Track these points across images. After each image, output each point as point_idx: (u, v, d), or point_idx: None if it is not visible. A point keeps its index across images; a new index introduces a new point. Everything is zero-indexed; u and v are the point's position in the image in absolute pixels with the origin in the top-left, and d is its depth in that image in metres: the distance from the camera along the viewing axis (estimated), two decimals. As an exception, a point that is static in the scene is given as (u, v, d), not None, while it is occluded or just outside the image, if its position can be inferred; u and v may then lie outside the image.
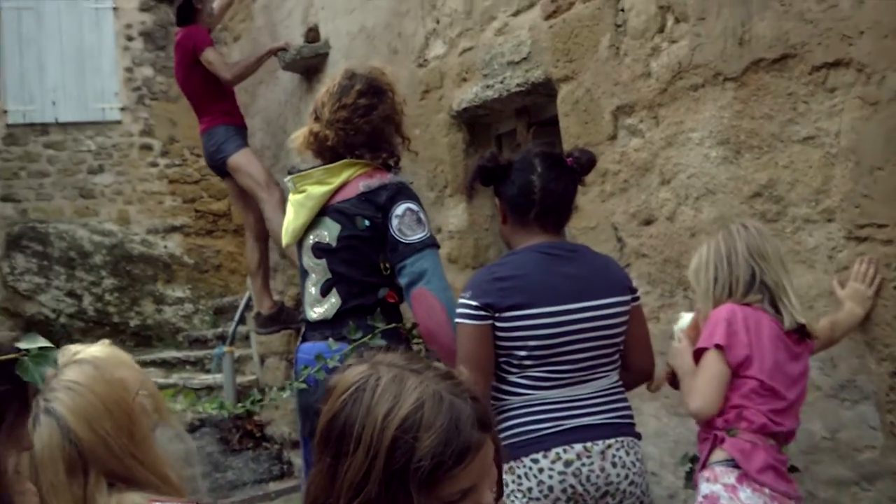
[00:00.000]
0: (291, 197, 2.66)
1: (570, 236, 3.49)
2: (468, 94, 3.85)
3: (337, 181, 2.56)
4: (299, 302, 5.16)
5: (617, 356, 2.34)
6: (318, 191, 2.57)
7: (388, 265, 2.53)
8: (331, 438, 1.11)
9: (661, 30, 3.04)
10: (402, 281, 2.49)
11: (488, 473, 1.14)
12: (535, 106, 3.78)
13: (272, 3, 5.45)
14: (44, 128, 10.31)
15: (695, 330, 2.36)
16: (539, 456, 2.18)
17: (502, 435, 2.19)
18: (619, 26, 3.19)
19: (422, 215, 2.54)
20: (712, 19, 2.85)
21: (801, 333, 2.25)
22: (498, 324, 2.21)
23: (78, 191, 10.41)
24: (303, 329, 2.72)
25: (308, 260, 2.62)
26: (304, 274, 2.66)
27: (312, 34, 4.96)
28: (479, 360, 2.20)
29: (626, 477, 2.21)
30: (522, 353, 2.22)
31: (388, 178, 2.58)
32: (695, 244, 2.75)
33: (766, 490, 2.08)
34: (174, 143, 10.23)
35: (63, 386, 1.33)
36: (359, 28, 4.59)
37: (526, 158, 2.39)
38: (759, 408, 2.14)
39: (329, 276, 2.57)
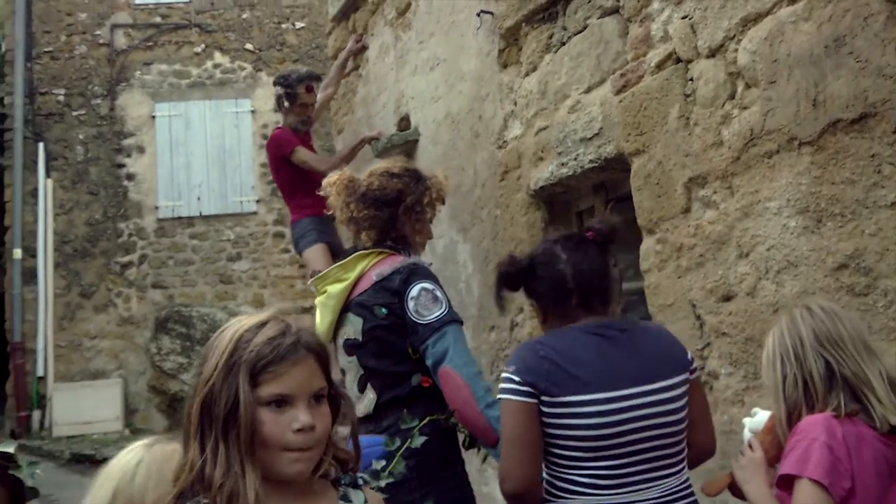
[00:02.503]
0: (317, 300, 2.54)
1: (650, 314, 3.17)
2: (544, 172, 3.64)
3: (353, 275, 2.42)
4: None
5: (684, 449, 1.99)
6: (336, 289, 2.44)
7: (414, 350, 2.32)
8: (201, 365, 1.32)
9: (732, 96, 2.76)
10: (428, 363, 2.28)
11: (306, 393, 1.29)
12: (611, 182, 3.53)
13: (369, 96, 5.47)
14: (189, 220, 10.83)
15: (770, 434, 1.94)
16: None
17: None
18: (688, 96, 2.92)
19: (438, 293, 2.34)
20: (783, 82, 2.55)
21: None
22: (545, 409, 1.88)
23: (218, 277, 10.80)
24: None
25: (342, 359, 2.47)
26: (343, 373, 2.49)
27: (404, 123, 4.92)
28: (524, 438, 1.86)
29: None
30: (573, 443, 1.88)
31: (399, 261, 2.41)
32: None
33: None
34: (300, 230, 10.39)
35: None
36: (444, 114, 4.50)
37: (548, 249, 2.10)
38: None
39: (361, 371, 2.39)
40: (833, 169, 2.41)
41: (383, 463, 2.05)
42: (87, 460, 8.19)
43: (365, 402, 2.37)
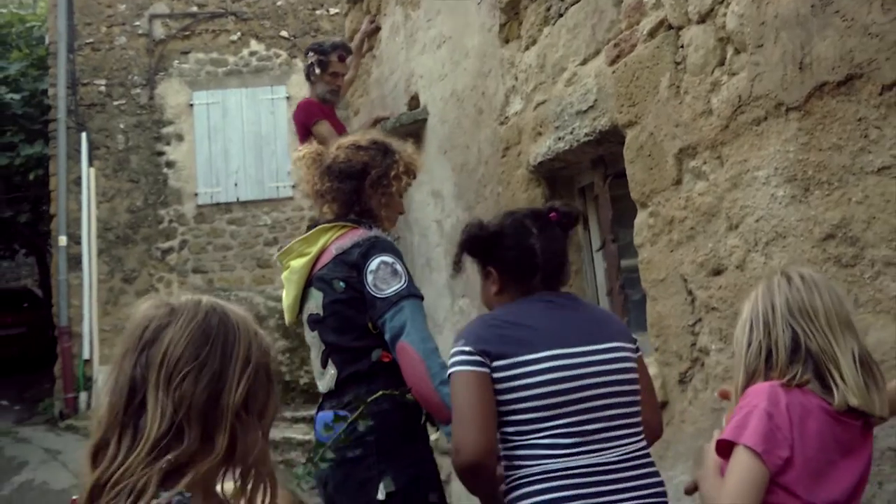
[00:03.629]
0: (283, 275, 2.50)
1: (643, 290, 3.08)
2: (542, 147, 3.55)
3: (315, 249, 2.37)
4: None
5: (639, 414, 1.94)
6: (299, 263, 2.40)
7: (374, 324, 2.27)
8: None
9: (721, 63, 2.63)
10: (386, 338, 2.23)
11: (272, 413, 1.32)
12: (610, 156, 3.42)
13: (382, 76, 5.42)
14: (227, 206, 10.95)
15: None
16: None
17: None
18: (678, 63, 2.80)
19: (398, 266, 2.28)
20: (770, 45, 2.42)
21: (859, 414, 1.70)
22: (496, 375, 1.83)
23: (256, 261, 10.91)
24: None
25: (307, 334, 2.44)
26: (310, 349, 2.46)
27: (414, 102, 4.86)
28: (475, 407, 1.79)
29: None
30: (530, 403, 1.82)
31: (360, 234, 2.35)
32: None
33: None
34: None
35: None
36: (450, 92, 4.43)
37: (518, 222, 2.06)
38: None
39: (323, 347, 2.35)
40: (820, 135, 2.29)
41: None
42: (127, 440, 8.36)
43: (327, 378, 2.33)
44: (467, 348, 1.87)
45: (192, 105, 11.03)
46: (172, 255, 10.71)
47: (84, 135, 10.59)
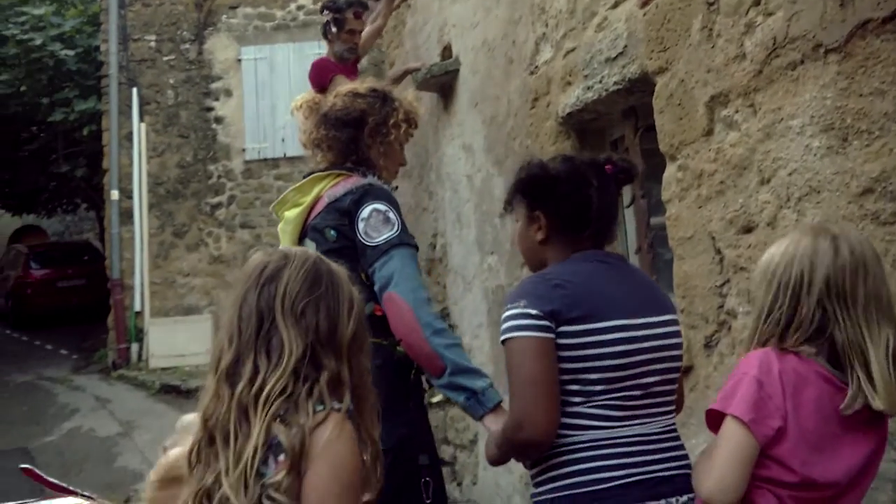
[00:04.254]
0: (279, 227, 2.41)
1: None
2: (571, 97, 3.36)
3: (309, 199, 2.29)
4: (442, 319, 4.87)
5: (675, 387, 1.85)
6: (293, 213, 2.32)
7: (367, 275, 2.17)
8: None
9: (757, 2, 2.40)
10: (375, 288, 2.13)
11: None
12: (642, 107, 3.21)
13: (416, 26, 5.25)
14: (274, 162, 10.95)
15: None
16: None
17: (562, 482, 1.69)
18: (711, 4, 2.58)
19: (391, 214, 2.16)
20: (810, -20, 2.20)
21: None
22: (561, 340, 1.69)
23: (302, 217, 10.92)
24: None
25: None
26: None
27: (447, 52, 4.69)
28: (546, 385, 1.66)
29: None
30: (594, 375, 1.69)
31: (353, 182, 2.24)
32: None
33: None
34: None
35: None
36: (482, 41, 4.24)
37: (577, 168, 1.90)
38: (780, 491, 1.48)
39: None
40: (861, 78, 2.07)
41: None
42: (174, 391, 8.54)
43: None
44: (532, 311, 1.70)
45: (239, 60, 11.00)
46: (221, 211, 10.79)
47: (135, 90, 10.66)
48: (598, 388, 1.70)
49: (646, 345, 1.76)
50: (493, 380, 2.26)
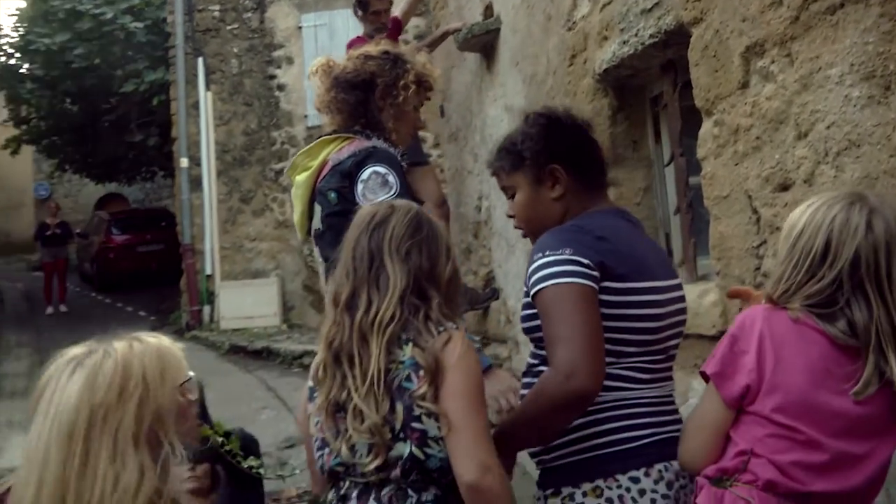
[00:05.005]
0: (292, 192, 2.40)
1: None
2: (607, 53, 3.20)
3: (317, 162, 2.25)
4: (488, 282, 4.80)
5: None
6: (303, 178, 2.28)
7: None
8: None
9: (796, -58, 2.21)
10: None
11: None
12: (681, 61, 3.03)
13: (460, -15, 5.10)
14: (336, 128, 10.98)
15: None
16: (640, 474, 1.59)
17: (588, 443, 1.62)
18: (747, -53, 2.39)
19: (390, 178, 2.10)
20: (850, -86, 1.99)
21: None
22: (603, 296, 1.60)
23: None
24: None
25: (315, 253, 2.32)
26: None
27: (488, 11, 4.54)
28: (596, 333, 1.57)
29: None
30: (630, 336, 1.64)
31: (357, 145, 2.18)
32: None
33: None
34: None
35: None
36: (522, -2, 4.09)
37: (574, 115, 1.87)
38: (775, 457, 1.37)
39: (322, 262, 2.22)
40: (905, 21, 1.88)
41: None
42: (241, 351, 8.73)
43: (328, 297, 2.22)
44: (582, 259, 1.60)
45: (300, 27, 10.98)
46: (284, 176, 10.88)
47: (200, 60, 10.78)
48: (632, 349, 1.65)
49: (671, 308, 1.72)
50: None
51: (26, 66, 14.34)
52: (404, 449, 1.52)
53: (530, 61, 3.99)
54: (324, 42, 10.94)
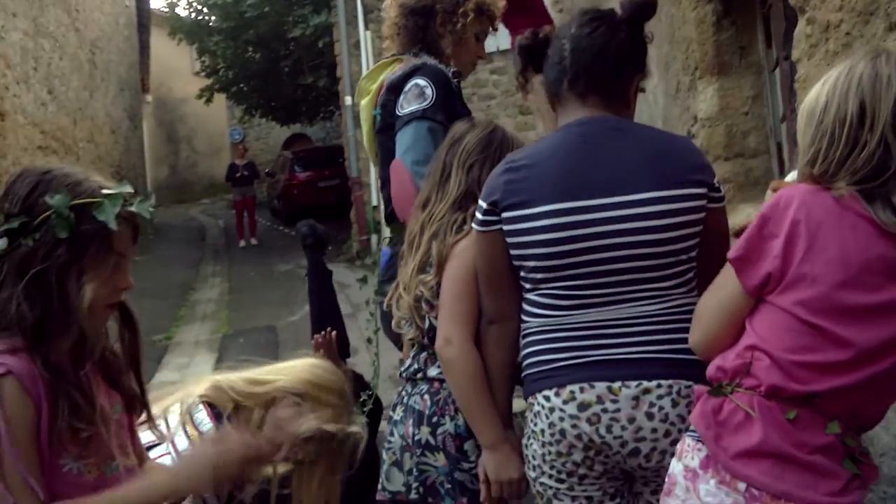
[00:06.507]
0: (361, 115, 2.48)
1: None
2: (708, -46, 2.96)
3: (376, 86, 2.31)
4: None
5: (681, 272, 1.60)
6: (365, 102, 2.37)
7: None
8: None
9: None
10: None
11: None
12: (786, -46, 2.75)
13: None
14: (489, 56, 10.89)
15: None
16: (551, 393, 1.60)
17: (523, 367, 1.71)
18: None
19: (428, 90, 2.13)
20: None
21: None
22: (505, 227, 1.65)
23: (518, 108, 10.85)
24: None
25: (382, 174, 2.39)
26: None
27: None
28: (486, 277, 1.73)
29: (668, 434, 1.53)
30: (530, 263, 1.64)
31: (408, 64, 2.23)
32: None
33: (742, 486, 1.23)
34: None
35: None
36: None
37: (565, 24, 1.74)
38: (785, 356, 1.24)
39: (378, 182, 2.31)
40: None
41: None
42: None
43: (385, 214, 2.34)
44: (483, 205, 1.69)
45: (451, -42, 10.92)
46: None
47: (359, 0, 11.04)
48: (539, 276, 1.63)
49: (587, 231, 1.57)
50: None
51: (213, 18, 15.38)
52: (425, 323, 1.86)
53: (641, -29, 3.76)
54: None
